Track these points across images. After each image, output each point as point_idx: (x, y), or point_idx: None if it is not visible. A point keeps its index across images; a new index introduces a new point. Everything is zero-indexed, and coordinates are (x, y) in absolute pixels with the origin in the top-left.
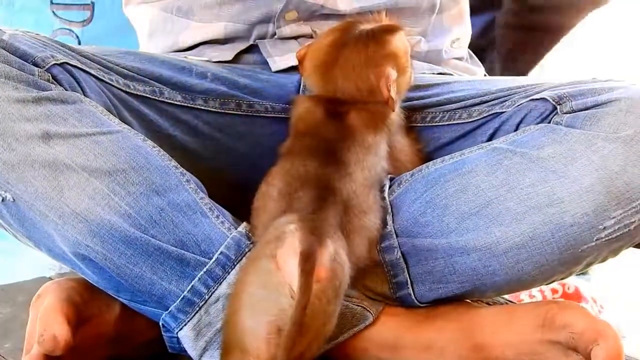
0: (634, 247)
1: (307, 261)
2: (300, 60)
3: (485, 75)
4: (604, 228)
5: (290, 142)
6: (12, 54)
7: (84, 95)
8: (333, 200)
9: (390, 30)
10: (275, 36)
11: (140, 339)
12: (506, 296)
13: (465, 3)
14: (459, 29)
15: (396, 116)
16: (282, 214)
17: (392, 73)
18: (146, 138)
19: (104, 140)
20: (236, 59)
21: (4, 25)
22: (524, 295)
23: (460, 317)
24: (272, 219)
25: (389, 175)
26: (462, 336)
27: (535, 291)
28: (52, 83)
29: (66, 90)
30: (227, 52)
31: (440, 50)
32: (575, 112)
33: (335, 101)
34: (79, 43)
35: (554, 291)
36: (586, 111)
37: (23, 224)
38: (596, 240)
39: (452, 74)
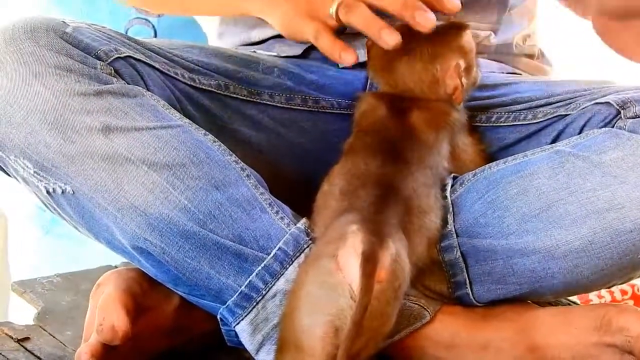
0: None
1: (369, 262)
2: (369, 50)
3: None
4: None
5: (352, 139)
6: (74, 47)
7: (147, 89)
8: (394, 199)
9: (458, 27)
10: (346, 31)
11: (198, 331)
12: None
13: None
14: (530, 25)
15: (459, 115)
16: (343, 213)
17: (461, 63)
18: (207, 132)
19: (164, 134)
20: (304, 54)
21: (79, 15)
22: (592, 295)
23: (517, 317)
24: (333, 217)
25: (452, 174)
26: (519, 336)
27: (604, 291)
28: (114, 77)
29: (128, 84)
30: (296, 47)
31: (510, 44)
32: (639, 117)
33: (398, 98)
34: (155, 33)
35: (624, 292)
36: None
37: (83, 216)
38: None
39: (521, 74)
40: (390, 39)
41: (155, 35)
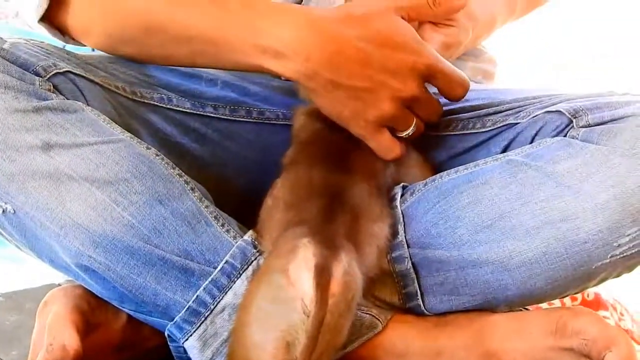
0: None
1: (322, 275)
2: None
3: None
4: (619, 245)
5: (293, 152)
6: (12, 64)
7: (87, 104)
8: (341, 209)
9: None
10: None
11: (148, 346)
12: None
13: None
14: None
15: None
16: (290, 225)
17: None
18: (150, 146)
19: (106, 149)
20: None
21: (23, 31)
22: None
23: (470, 323)
24: (279, 230)
25: (402, 184)
26: (473, 343)
27: None
28: (53, 92)
29: (68, 99)
30: None
31: None
32: (592, 126)
33: None
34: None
35: (574, 298)
36: (602, 126)
37: (25, 235)
38: (610, 257)
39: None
40: None
41: (94, 50)
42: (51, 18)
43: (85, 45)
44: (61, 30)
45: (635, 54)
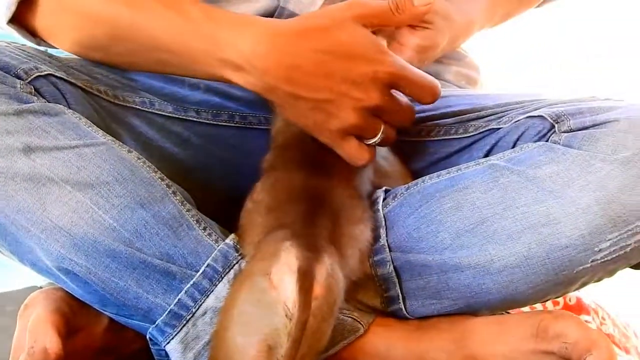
0: (630, 267)
1: (306, 278)
2: None
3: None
4: (600, 250)
5: (271, 156)
6: None
7: (68, 107)
8: (322, 212)
9: None
10: None
11: (129, 349)
12: None
13: None
14: None
15: None
16: (272, 229)
17: None
18: (131, 149)
19: (87, 152)
20: None
21: (3, 35)
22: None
23: (452, 327)
24: (261, 234)
25: (384, 188)
26: (454, 346)
27: None
28: (34, 95)
29: (49, 102)
30: None
31: None
32: (574, 131)
33: None
34: None
35: (555, 303)
36: (584, 131)
37: (5, 238)
38: (592, 262)
39: (450, 87)
40: None
41: None
42: (21, 19)
43: (57, 48)
44: (32, 32)
45: (629, 54)
